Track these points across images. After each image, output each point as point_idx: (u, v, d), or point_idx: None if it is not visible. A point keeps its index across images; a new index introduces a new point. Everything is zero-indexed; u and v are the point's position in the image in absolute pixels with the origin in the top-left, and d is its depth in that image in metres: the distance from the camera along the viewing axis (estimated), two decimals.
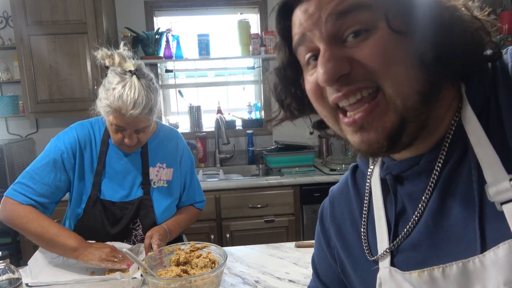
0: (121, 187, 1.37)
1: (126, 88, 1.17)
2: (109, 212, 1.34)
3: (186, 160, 1.50)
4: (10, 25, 2.83)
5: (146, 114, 1.21)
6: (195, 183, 1.54)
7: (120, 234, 1.35)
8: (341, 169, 2.66)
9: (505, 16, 2.49)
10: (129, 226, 1.36)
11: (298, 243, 1.45)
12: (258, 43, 2.90)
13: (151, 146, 1.43)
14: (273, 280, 1.18)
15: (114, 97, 1.17)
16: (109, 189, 1.35)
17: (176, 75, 3.13)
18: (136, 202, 1.36)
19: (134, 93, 1.16)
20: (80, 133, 1.35)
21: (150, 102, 1.21)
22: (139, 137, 1.28)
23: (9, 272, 0.91)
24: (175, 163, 1.45)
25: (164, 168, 1.43)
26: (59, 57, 2.58)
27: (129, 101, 1.16)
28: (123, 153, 1.38)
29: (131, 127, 1.23)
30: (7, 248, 2.58)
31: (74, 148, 1.33)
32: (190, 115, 3.05)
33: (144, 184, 1.38)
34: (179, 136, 1.53)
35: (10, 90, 2.94)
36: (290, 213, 2.56)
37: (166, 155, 1.44)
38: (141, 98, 1.17)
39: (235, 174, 2.95)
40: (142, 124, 1.25)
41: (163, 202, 1.41)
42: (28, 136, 2.98)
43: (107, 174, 1.36)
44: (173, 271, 1.05)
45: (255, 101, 3.23)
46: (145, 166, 1.39)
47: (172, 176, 1.44)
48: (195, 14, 3.07)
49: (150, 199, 1.38)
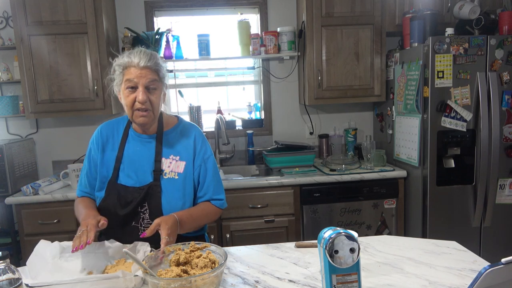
0: (136, 174, 1.46)
1: (133, 51, 1.41)
2: (122, 196, 1.44)
3: (201, 156, 1.52)
4: (10, 25, 2.83)
5: (154, 66, 1.39)
6: (212, 179, 1.53)
7: (128, 216, 1.43)
8: (341, 169, 2.66)
9: (505, 16, 2.49)
10: (137, 210, 1.43)
11: (298, 243, 1.45)
12: (258, 43, 2.90)
13: (167, 138, 1.51)
14: (273, 280, 1.18)
15: (124, 57, 1.39)
16: (125, 175, 1.46)
17: (176, 75, 3.13)
18: (145, 187, 1.43)
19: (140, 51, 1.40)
20: (103, 129, 1.55)
21: (156, 57, 1.40)
22: (150, 97, 1.39)
23: (9, 272, 0.91)
24: (188, 158, 1.50)
25: (177, 160, 1.48)
26: (59, 57, 2.59)
27: (136, 55, 1.38)
28: (140, 142, 1.50)
29: (142, 79, 1.37)
30: (7, 248, 2.58)
31: (98, 141, 1.52)
32: (190, 115, 3.05)
33: (155, 171, 1.44)
34: (197, 132, 1.56)
35: (10, 90, 2.94)
36: (290, 213, 2.56)
37: (181, 149, 1.50)
38: (148, 52, 1.40)
39: (235, 174, 2.95)
40: (151, 77, 1.38)
41: (171, 192, 1.44)
42: (28, 136, 2.98)
43: (125, 161, 1.48)
44: (173, 271, 1.05)
45: (255, 101, 3.23)
46: (158, 154, 1.47)
47: (183, 169, 1.48)
48: (195, 14, 3.07)
49: (159, 186, 1.43)
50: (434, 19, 2.62)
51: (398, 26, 2.81)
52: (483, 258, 1.28)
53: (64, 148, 3.01)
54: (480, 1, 2.62)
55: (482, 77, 2.34)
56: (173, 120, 1.57)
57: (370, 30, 2.78)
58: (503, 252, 2.48)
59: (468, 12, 2.51)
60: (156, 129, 1.50)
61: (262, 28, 3.05)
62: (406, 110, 2.58)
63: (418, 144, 2.47)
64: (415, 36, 2.59)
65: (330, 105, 3.16)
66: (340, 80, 2.82)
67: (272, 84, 3.14)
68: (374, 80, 2.84)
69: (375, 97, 2.88)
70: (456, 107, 2.37)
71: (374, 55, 2.81)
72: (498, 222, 2.48)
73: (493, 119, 2.35)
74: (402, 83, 2.62)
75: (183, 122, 1.58)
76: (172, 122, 1.56)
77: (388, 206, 2.65)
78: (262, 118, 3.17)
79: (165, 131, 1.51)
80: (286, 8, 3.06)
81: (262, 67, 3.11)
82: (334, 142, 3.11)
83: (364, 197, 2.61)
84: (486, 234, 2.49)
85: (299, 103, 3.15)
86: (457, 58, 2.34)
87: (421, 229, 2.52)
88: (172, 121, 1.56)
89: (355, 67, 2.81)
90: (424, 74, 2.39)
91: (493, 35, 2.41)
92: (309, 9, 2.74)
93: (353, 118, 3.22)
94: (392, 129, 2.83)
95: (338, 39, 2.78)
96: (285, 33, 2.91)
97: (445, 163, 2.43)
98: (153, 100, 1.40)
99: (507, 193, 2.46)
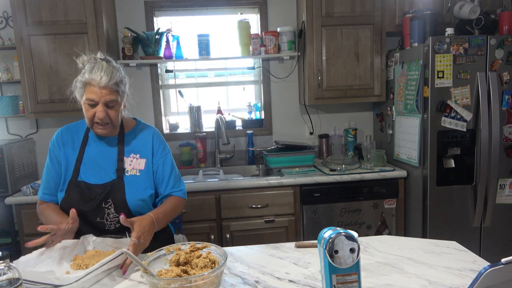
0: (98, 172, 1.53)
1: (95, 66, 1.43)
2: (84, 192, 1.49)
3: (159, 153, 1.62)
4: (10, 25, 2.83)
5: (113, 86, 1.42)
6: (169, 174, 1.61)
7: (92, 212, 1.48)
8: (341, 169, 2.66)
9: (505, 16, 2.49)
10: (101, 205, 1.48)
11: (298, 243, 1.44)
12: (258, 43, 2.90)
13: (127, 138, 1.60)
14: (273, 280, 1.18)
15: (86, 73, 1.43)
16: (87, 173, 1.52)
17: (176, 75, 3.13)
18: (108, 184, 1.50)
19: (101, 68, 1.42)
20: (63, 132, 1.61)
21: (116, 76, 1.43)
22: (109, 113, 1.45)
23: (9, 272, 0.92)
24: (147, 155, 1.59)
25: (137, 158, 1.58)
26: (59, 57, 2.58)
27: (97, 73, 1.41)
28: (102, 143, 1.57)
29: (101, 98, 1.42)
30: (7, 248, 2.58)
31: (59, 143, 1.58)
32: (190, 115, 3.05)
33: (118, 170, 1.52)
34: (155, 132, 1.67)
35: (10, 90, 2.94)
36: (290, 213, 2.56)
37: (140, 147, 1.60)
38: (108, 71, 1.42)
39: (235, 174, 2.95)
40: (110, 97, 1.43)
41: (134, 187, 1.52)
42: (28, 136, 2.98)
43: (86, 161, 1.54)
44: (173, 271, 1.05)
45: (255, 101, 3.23)
46: (120, 153, 1.55)
47: (144, 166, 1.57)
48: (195, 14, 3.07)
49: (122, 182, 1.51)
50: (434, 19, 2.62)
51: (398, 26, 2.81)
52: (483, 258, 1.28)
53: None
54: (480, 1, 2.62)
55: (482, 77, 2.34)
56: (132, 122, 1.66)
57: (370, 30, 2.78)
58: (503, 252, 2.48)
59: (468, 12, 2.51)
60: (117, 132, 1.58)
61: (262, 28, 3.05)
62: (406, 110, 2.58)
63: (418, 144, 2.47)
64: (415, 36, 2.59)
65: (330, 105, 3.16)
66: (340, 80, 2.82)
67: (272, 84, 3.14)
68: (374, 80, 2.84)
69: (375, 97, 2.88)
70: (456, 107, 2.37)
71: (374, 55, 2.81)
72: (498, 222, 2.48)
73: (493, 119, 2.35)
74: (402, 83, 2.62)
75: (141, 124, 1.68)
76: (131, 124, 1.65)
77: (388, 206, 2.65)
78: (262, 118, 3.17)
79: (125, 133, 1.60)
80: (286, 8, 3.06)
81: (262, 67, 3.11)
82: (334, 142, 3.10)
83: (364, 197, 2.61)
84: (486, 234, 2.49)
85: (299, 103, 3.15)
86: (457, 58, 2.34)
87: (421, 229, 2.52)
88: (131, 123, 1.66)
89: (355, 67, 2.81)
90: (424, 74, 2.39)
91: (493, 35, 2.41)
92: (309, 9, 2.74)
93: (353, 118, 3.22)
94: (392, 129, 2.83)
95: (338, 39, 2.78)
96: (285, 33, 2.91)
97: (445, 163, 2.43)
98: (112, 115, 1.47)
99: (507, 193, 2.46)
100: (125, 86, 1.50)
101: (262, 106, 3.16)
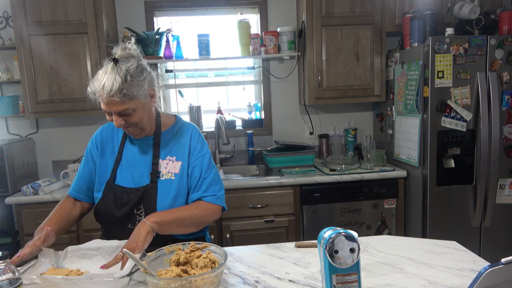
0: (132, 175, 1.46)
1: (99, 73, 1.31)
2: (118, 196, 1.43)
3: (196, 153, 1.49)
4: (10, 25, 2.83)
5: (117, 96, 1.28)
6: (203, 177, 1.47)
7: (124, 217, 1.41)
8: (341, 169, 2.66)
9: (505, 16, 2.49)
10: (133, 211, 1.42)
11: (298, 243, 1.45)
12: (258, 43, 2.90)
13: (164, 139, 1.50)
14: (273, 280, 1.18)
15: (94, 80, 1.33)
16: (122, 176, 1.47)
17: (176, 75, 3.13)
18: (142, 189, 1.42)
19: (103, 77, 1.29)
20: (104, 130, 1.56)
21: (117, 83, 1.27)
22: (127, 120, 1.35)
23: (9, 272, 0.92)
24: (184, 157, 1.49)
25: (173, 161, 1.48)
26: (59, 57, 2.59)
27: (99, 85, 1.29)
28: (138, 143, 1.50)
29: (112, 108, 1.31)
30: (7, 248, 2.58)
31: (97, 142, 1.53)
32: (190, 115, 3.05)
33: (152, 173, 1.44)
34: (194, 131, 1.54)
35: (10, 90, 2.94)
36: (290, 213, 2.56)
37: (177, 149, 1.49)
38: (110, 78, 1.27)
39: (235, 174, 2.95)
40: (119, 107, 1.31)
41: (167, 193, 1.43)
42: (28, 136, 2.98)
43: (123, 162, 1.48)
44: (173, 271, 1.05)
45: (255, 101, 3.23)
46: (155, 156, 1.47)
47: (179, 169, 1.47)
48: (195, 14, 3.07)
49: (155, 188, 1.43)
50: (434, 19, 2.62)
51: (398, 26, 2.81)
52: (483, 258, 1.28)
53: (64, 148, 3.01)
54: (480, 1, 2.62)
55: (482, 77, 2.34)
56: (170, 120, 1.55)
57: (370, 30, 2.78)
58: (503, 252, 2.48)
59: (468, 12, 2.51)
60: (153, 131, 1.49)
61: (262, 28, 3.05)
62: (406, 110, 2.58)
63: (418, 144, 2.47)
64: (415, 36, 2.59)
65: (330, 105, 3.16)
66: (340, 80, 2.82)
67: (272, 84, 3.14)
68: (374, 80, 2.84)
69: (375, 97, 2.88)
70: (456, 107, 2.37)
71: (374, 55, 2.81)
72: (498, 222, 2.48)
73: (493, 119, 2.35)
74: (402, 83, 2.62)
75: (180, 122, 1.57)
76: (170, 122, 1.55)
77: (388, 206, 2.65)
78: (262, 118, 3.17)
79: (162, 132, 1.50)
80: (286, 8, 3.06)
81: (262, 67, 3.11)
82: (334, 142, 3.10)
83: (364, 197, 2.61)
84: (486, 234, 2.49)
85: (299, 103, 3.15)
86: (457, 58, 2.34)
87: (421, 229, 2.52)
88: (170, 121, 1.55)
89: (355, 67, 2.81)
90: (424, 74, 2.39)
91: (493, 35, 2.41)
92: (309, 9, 2.74)
93: (353, 118, 3.22)
94: (392, 129, 2.83)
95: (338, 39, 2.78)
96: (285, 33, 2.91)
97: (445, 163, 2.43)
98: (133, 120, 1.36)
99: (507, 193, 2.46)
100: (139, 87, 1.33)
101: (262, 106, 3.16)
